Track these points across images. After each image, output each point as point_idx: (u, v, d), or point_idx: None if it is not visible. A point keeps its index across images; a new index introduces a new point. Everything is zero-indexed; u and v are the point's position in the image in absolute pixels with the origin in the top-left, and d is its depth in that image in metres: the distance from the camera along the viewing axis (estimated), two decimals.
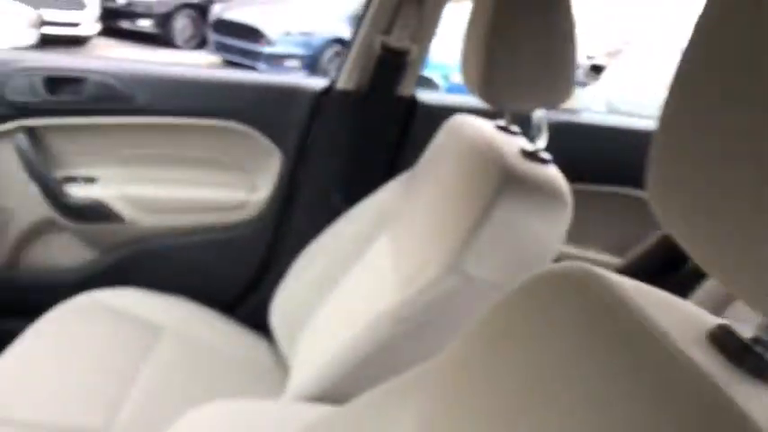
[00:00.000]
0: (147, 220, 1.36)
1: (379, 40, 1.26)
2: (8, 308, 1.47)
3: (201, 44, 7.91)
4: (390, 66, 1.27)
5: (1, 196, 1.35)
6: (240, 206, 1.38)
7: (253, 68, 6.98)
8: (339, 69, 1.33)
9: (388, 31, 1.27)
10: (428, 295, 0.74)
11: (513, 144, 0.84)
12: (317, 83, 1.35)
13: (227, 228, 1.39)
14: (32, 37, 1.49)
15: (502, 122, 0.92)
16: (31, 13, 1.51)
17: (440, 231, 0.80)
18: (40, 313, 1.18)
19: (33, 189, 1.31)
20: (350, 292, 1.04)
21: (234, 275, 1.44)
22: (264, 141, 1.34)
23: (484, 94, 0.79)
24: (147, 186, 1.36)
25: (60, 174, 1.34)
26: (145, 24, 7.48)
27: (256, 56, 6.98)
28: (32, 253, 1.43)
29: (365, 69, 1.29)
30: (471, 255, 0.72)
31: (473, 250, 0.72)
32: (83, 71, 1.27)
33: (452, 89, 5.27)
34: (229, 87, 1.32)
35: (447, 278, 0.73)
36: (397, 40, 1.25)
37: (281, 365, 1.18)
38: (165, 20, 7.60)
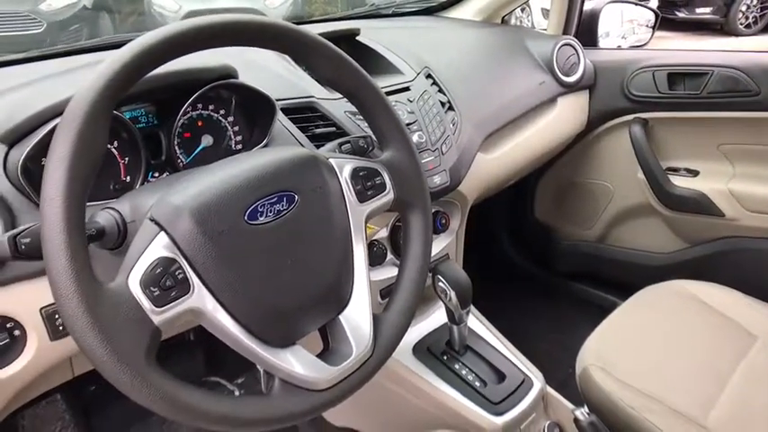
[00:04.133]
0: (749, 219, 1.31)
1: None
2: (591, 275, 1.70)
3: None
4: None
5: (608, 176, 1.56)
6: None
7: None
8: None
9: None
10: None
11: None
12: None
13: None
14: (648, 35, 1.63)
15: None
16: (649, 15, 1.65)
17: None
18: (619, 287, 1.30)
19: (638, 175, 1.45)
20: None
21: None
22: None
23: None
24: (755, 184, 1.30)
25: (665, 164, 1.42)
26: (704, 11, 7.10)
27: None
28: (622, 231, 1.60)
29: None
30: None
31: None
32: (708, 66, 1.29)
33: None
34: None
35: None
36: None
37: None
38: (726, 5, 7.01)
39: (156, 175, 0.82)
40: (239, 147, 0.89)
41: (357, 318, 0.64)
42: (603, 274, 1.66)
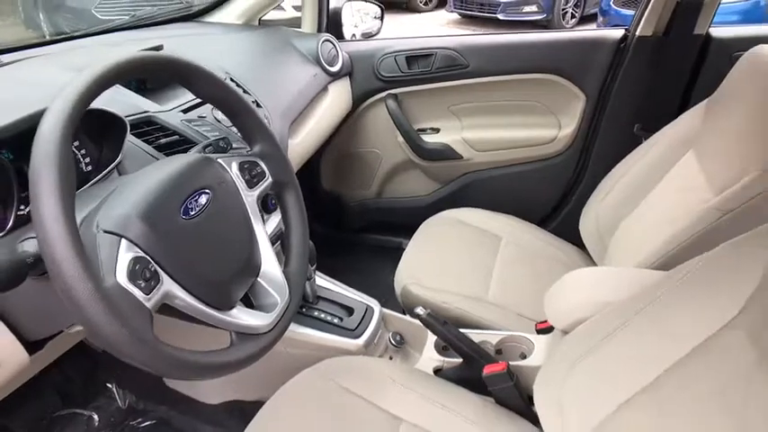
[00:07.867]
0: (478, 157, 1.80)
1: None
2: (377, 225, 2.07)
3: (441, 4, 8.46)
4: (689, 8, 1.45)
5: (376, 143, 1.92)
6: (550, 142, 1.72)
7: (493, 19, 7.24)
8: (637, 18, 1.54)
9: None
10: (752, 190, 0.97)
11: None
12: (616, 33, 1.59)
13: (540, 159, 1.76)
14: (378, 25, 1.99)
15: None
16: (375, 9, 2.01)
17: (755, 139, 1.00)
18: (400, 229, 1.66)
19: (398, 139, 1.83)
20: (660, 199, 1.26)
21: (545, 197, 1.80)
22: (572, 88, 1.65)
23: None
24: (477, 131, 1.79)
25: (416, 126, 1.84)
26: None
27: (494, 6, 7.21)
28: (393, 185, 1.99)
29: (663, 16, 1.49)
30: None
31: None
32: (432, 48, 1.72)
33: None
34: (544, 46, 1.65)
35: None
36: None
37: (590, 264, 1.49)
38: None
39: (23, 207, 0.85)
40: (90, 167, 0.95)
41: (272, 277, 0.83)
42: (388, 223, 2.04)
